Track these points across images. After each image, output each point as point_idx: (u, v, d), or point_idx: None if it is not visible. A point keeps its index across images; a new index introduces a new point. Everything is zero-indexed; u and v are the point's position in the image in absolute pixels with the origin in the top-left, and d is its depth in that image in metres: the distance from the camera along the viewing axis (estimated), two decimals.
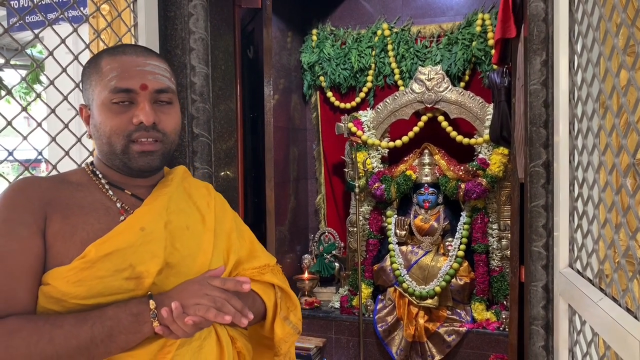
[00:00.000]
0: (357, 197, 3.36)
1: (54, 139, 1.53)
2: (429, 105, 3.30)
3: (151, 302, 0.92)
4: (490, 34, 3.38)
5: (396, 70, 3.67)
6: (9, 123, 1.43)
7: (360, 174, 3.34)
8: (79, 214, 0.97)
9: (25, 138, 1.47)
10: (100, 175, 1.05)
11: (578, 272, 1.47)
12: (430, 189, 3.32)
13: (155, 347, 0.96)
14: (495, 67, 2.82)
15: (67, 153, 1.56)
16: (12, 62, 1.81)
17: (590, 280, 1.36)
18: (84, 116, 1.05)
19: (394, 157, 3.53)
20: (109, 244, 0.94)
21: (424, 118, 3.43)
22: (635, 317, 1.04)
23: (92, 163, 1.08)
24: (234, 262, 1.15)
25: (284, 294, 1.21)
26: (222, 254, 1.13)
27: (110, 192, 1.03)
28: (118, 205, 1.02)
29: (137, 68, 0.99)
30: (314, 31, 3.87)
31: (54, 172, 1.51)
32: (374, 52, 3.71)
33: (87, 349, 0.87)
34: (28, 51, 1.68)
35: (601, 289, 1.28)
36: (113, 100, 0.97)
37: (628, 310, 1.10)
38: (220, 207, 1.19)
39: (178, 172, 1.16)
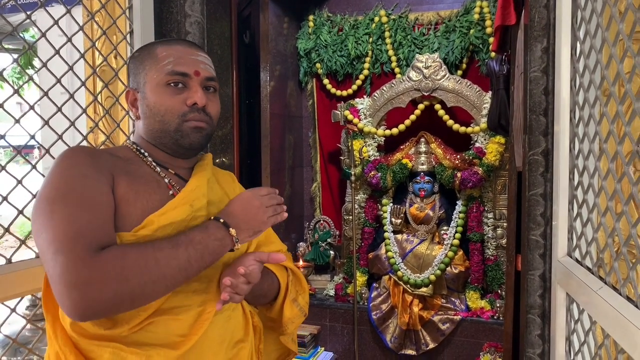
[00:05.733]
0: (352, 185, 3.34)
1: (47, 123, 1.50)
2: (426, 94, 3.28)
3: (231, 230, 1.02)
4: (488, 22, 3.35)
5: (393, 58, 3.64)
6: (1, 106, 1.40)
7: (356, 162, 3.32)
8: (141, 182, 1.04)
9: (17, 121, 1.44)
10: (146, 154, 1.11)
11: (577, 260, 1.46)
12: (426, 178, 3.31)
13: (196, 314, 1.05)
14: (493, 55, 2.79)
15: (60, 137, 1.54)
16: (6, 46, 1.77)
17: (589, 269, 1.36)
18: (130, 99, 1.13)
19: (390, 146, 3.51)
20: (167, 216, 1.01)
21: (421, 106, 3.40)
22: (637, 306, 1.03)
23: (134, 143, 1.14)
24: (255, 245, 1.25)
25: (295, 277, 1.31)
26: None
27: (158, 169, 1.10)
28: (166, 180, 1.09)
29: (190, 57, 1.10)
30: (311, 17, 3.82)
31: (47, 157, 1.49)
32: (371, 39, 3.68)
33: (185, 269, 0.96)
34: (21, 35, 1.64)
35: (600, 278, 1.27)
36: (168, 82, 1.06)
37: (629, 299, 1.09)
38: None
39: (209, 158, 1.24)
